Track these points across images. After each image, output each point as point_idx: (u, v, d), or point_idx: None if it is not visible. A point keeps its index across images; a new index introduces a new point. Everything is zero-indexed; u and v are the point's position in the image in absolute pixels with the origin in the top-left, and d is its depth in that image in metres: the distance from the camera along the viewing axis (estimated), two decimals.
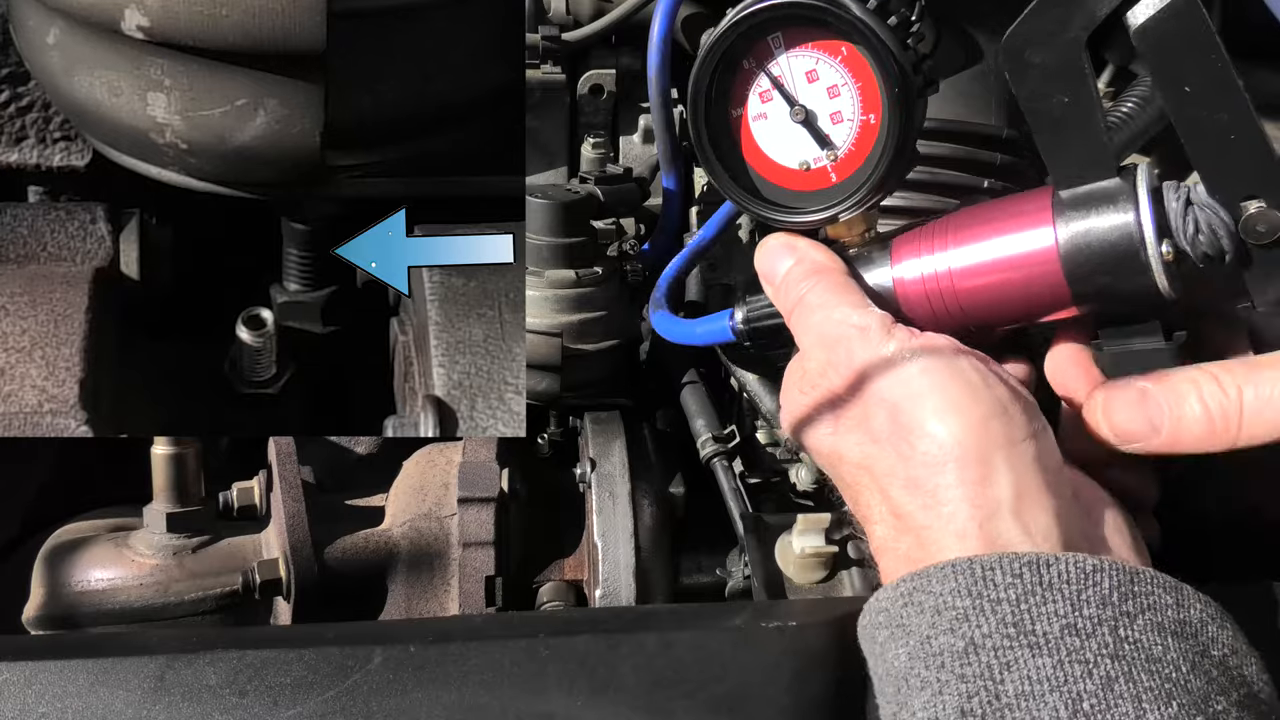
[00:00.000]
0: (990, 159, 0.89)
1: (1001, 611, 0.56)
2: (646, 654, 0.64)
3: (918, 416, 0.63)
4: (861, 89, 0.68)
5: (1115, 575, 0.57)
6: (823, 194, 0.71)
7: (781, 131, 0.70)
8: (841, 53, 0.67)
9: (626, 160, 1.12)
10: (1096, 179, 0.65)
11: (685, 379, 0.99)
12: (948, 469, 0.61)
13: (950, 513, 0.61)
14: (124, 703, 0.62)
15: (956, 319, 0.69)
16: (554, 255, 0.93)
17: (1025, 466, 0.62)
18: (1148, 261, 0.63)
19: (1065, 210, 0.65)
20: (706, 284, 1.03)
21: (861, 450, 0.65)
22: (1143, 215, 0.63)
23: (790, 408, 0.72)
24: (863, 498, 0.66)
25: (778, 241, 0.74)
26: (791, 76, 0.69)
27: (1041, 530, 0.60)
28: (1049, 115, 0.65)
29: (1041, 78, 0.64)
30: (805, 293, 0.70)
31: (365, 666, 0.63)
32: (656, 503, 0.92)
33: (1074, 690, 0.53)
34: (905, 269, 0.70)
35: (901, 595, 0.60)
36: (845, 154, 0.69)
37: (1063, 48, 0.63)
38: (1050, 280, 0.66)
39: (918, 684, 0.57)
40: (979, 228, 0.68)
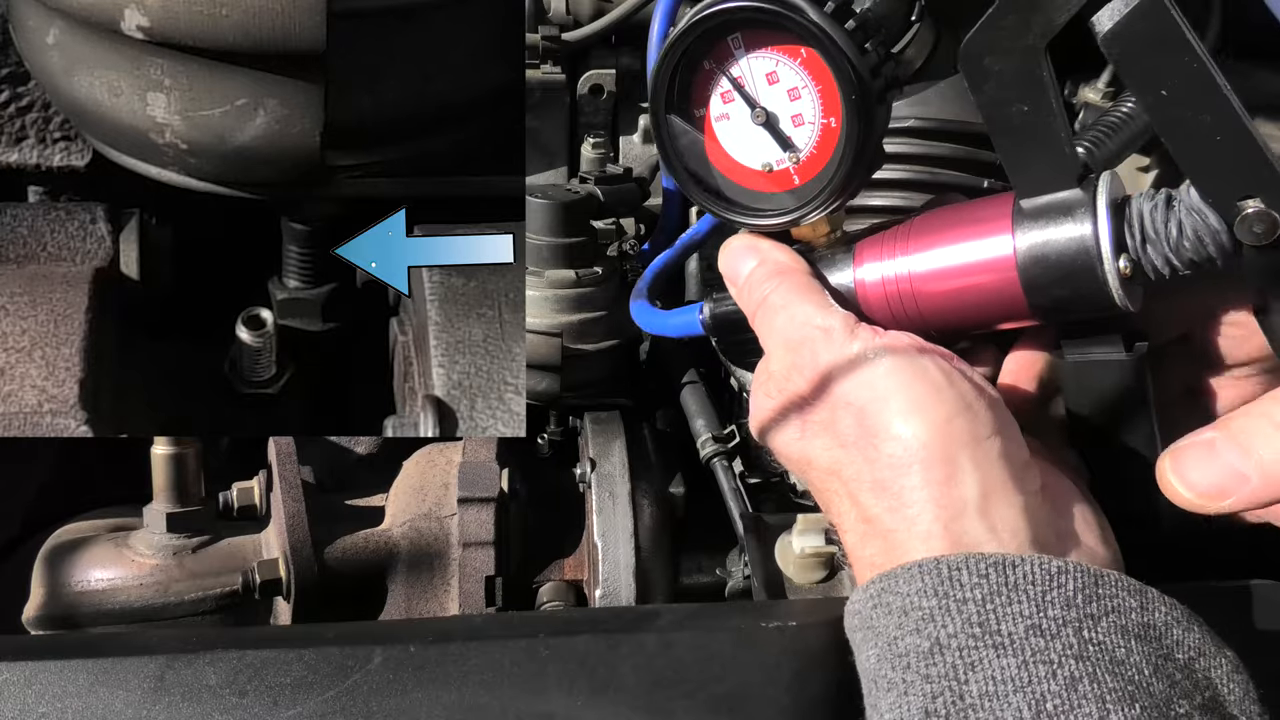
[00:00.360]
0: (990, 159, 0.89)
1: (967, 612, 0.56)
2: (646, 654, 0.64)
3: (883, 418, 0.62)
4: (822, 91, 0.67)
5: (1080, 577, 0.57)
6: (786, 195, 0.70)
7: (744, 133, 0.70)
8: (801, 55, 0.66)
9: (626, 160, 1.12)
10: (1058, 189, 0.63)
11: (685, 379, 0.99)
12: (913, 470, 0.61)
13: (915, 514, 0.60)
14: (124, 703, 0.62)
15: (916, 323, 0.68)
16: (554, 255, 0.93)
17: (991, 463, 0.61)
18: (1104, 276, 0.62)
19: (1024, 220, 0.64)
20: (705, 282, 1.03)
21: (830, 455, 0.65)
22: (1100, 229, 0.62)
23: (757, 412, 0.71)
24: (834, 503, 0.66)
25: (740, 243, 0.73)
26: (752, 78, 0.68)
27: (1009, 528, 0.60)
28: (1008, 124, 0.63)
29: (1000, 85, 0.62)
30: (768, 293, 0.69)
31: (365, 666, 0.63)
32: (656, 503, 0.92)
33: (1038, 691, 0.53)
34: (867, 271, 0.69)
35: (871, 597, 0.60)
36: (807, 156, 0.68)
37: (1021, 55, 0.61)
38: (1007, 289, 0.65)
39: (885, 685, 0.57)
40: (940, 233, 0.67)
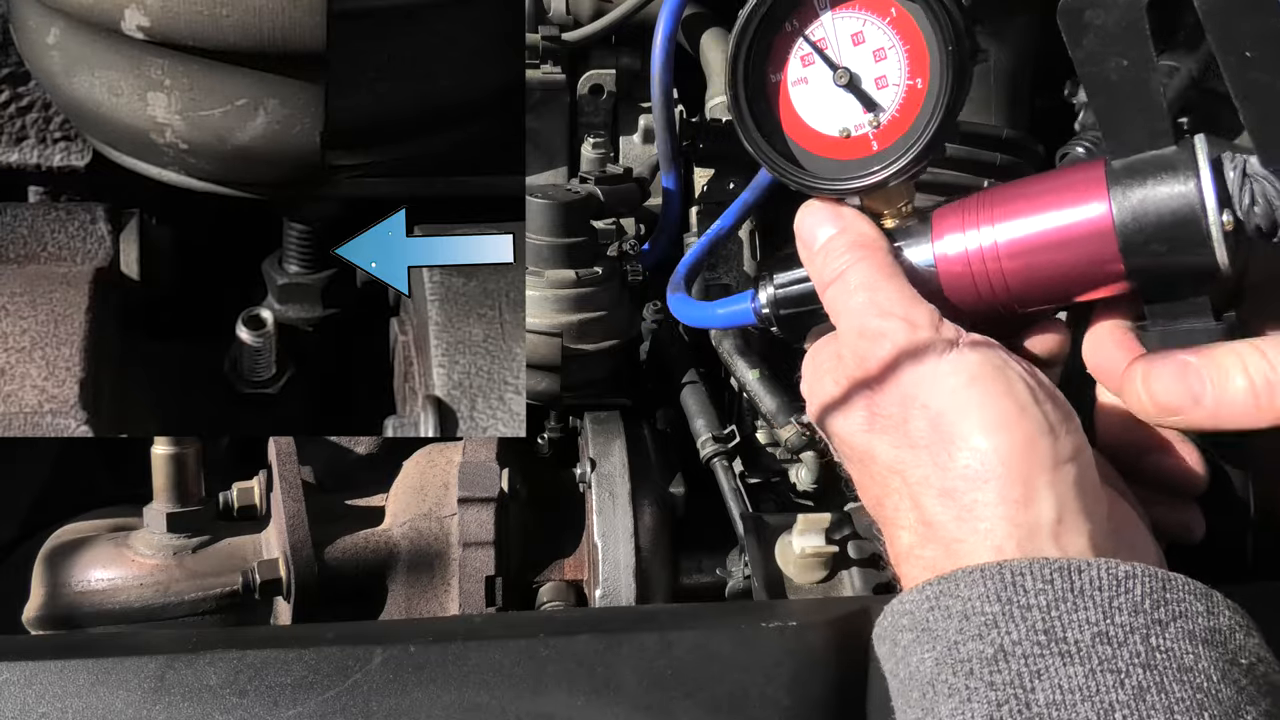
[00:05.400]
0: (990, 159, 0.89)
1: (1032, 618, 0.55)
2: (646, 654, 0.64)
3: (962, 428, 0.61)
4: (910, 52, 0.65)
5: (1147, 582, 0.56)
6: (864, 161, 0.68)
7: (822, 97, 0.68)
8: (891, 13, 0.65)
9: (626, 160, 1.12)
10: (1153, 148, 0.63)
11: (685, 379, 0.99)
12: (988, 486, 0.60)
13: (987, 529, 0.59)
14: (124, 703, 0.62)
15: (1000, 296, 0.67)
16: (554, 255, 0.93)
17: (1067, 489, 0.60)
18: (1208, 231, 0.61)
19: (1120, 179, 0.63)
20: (707, 283, 1.03)
21: (896, 454, 0.63)
22: (1204, 184, 0.61)
23: (819, 393, 0.69)
24: (890, 500, 0.64)
25: (821, 205, 0.70)
26: (836, 38, 0.67)
27: (1078, 553, 0.59)
28: (1105, 80, 0.62)
29: (1099, 40, 0.62)
30: (846, 268, 0.67)
31: (365, 666, 0.63)
32: (656, 503, 0.92)
33: (1106, 700, 0.52)
34: (948, 244, 0.67)
35: (928, 599, 0.59)
36: (889, 120, 0.67)
37: (1124, 8, 0.61)
38: (1104, 252, 0.63)
39: (945, 690, 0.55)
40: (1027, 200, 0.66)
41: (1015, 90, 1.05)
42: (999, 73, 1.02)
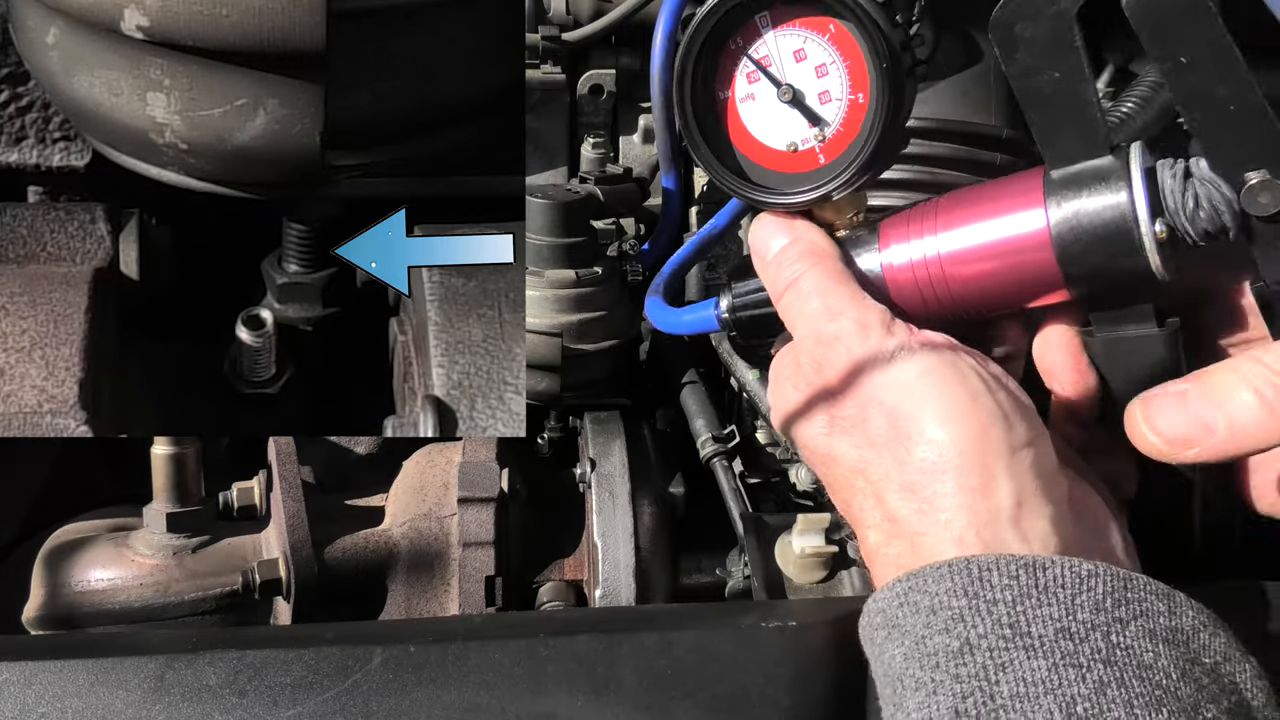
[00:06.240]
0: (990, 159, 0.89)
1: (997, 612, 0.56)
2: (646, 654, 0.64)
3: (918, 422, 0.62)
4: (850, 67, 0.67)
5: (1109, 581, 0.57)
6: (811, 175, 0.70)
7: (769, 113, 0.70)
8: (829, 30, 0.67)
9: (626, 160, 1.12)
10: (1089, 158, 0.63)
11: (685, 379, 0.99)
12: (946, 476, 0.61)
13: (947, 520, 0.60)
14: (124, 703, 0.62)
15: (945, 304, 0.68)
16: (554, 255, 0.93)
17: (1024, 474, 0.61)
18: (1141, 241, 0.62)
19: (1057, 190, 0.64)
20: (707, 283, 1.03)
21: (858, 453, 0.64)
22: (1135, 194, 0.62)
23: (781, 403, 0.70)
24: (856, 501, 0.65)
25: (773, 217, 0.72)
26: (779, 55, 0.68)
27: (1040, 537, 0.60)
28: (1039, 92, 0.63)
29: (1031, 52, 0.63)
30: (798, 275, 0.68)
31: (365, 666, 0.63)
32: (656, 503, 0.92)
33: (1068, 694, 0.53)
34: (894, 253, 0.69)
35: (898, 595, 0.60)
36: (833, 134, 0.68)
37: (1052, 20, 0.62)
38: (1042, 262, 0.65)
39: (912, 684, 0.56)
40: (968, 209, 0.67)
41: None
42: (999, 73, 1.02)
